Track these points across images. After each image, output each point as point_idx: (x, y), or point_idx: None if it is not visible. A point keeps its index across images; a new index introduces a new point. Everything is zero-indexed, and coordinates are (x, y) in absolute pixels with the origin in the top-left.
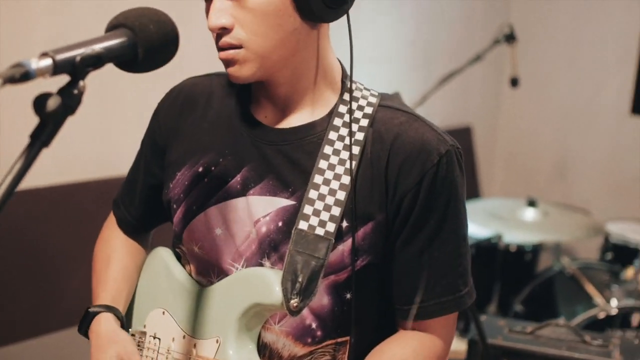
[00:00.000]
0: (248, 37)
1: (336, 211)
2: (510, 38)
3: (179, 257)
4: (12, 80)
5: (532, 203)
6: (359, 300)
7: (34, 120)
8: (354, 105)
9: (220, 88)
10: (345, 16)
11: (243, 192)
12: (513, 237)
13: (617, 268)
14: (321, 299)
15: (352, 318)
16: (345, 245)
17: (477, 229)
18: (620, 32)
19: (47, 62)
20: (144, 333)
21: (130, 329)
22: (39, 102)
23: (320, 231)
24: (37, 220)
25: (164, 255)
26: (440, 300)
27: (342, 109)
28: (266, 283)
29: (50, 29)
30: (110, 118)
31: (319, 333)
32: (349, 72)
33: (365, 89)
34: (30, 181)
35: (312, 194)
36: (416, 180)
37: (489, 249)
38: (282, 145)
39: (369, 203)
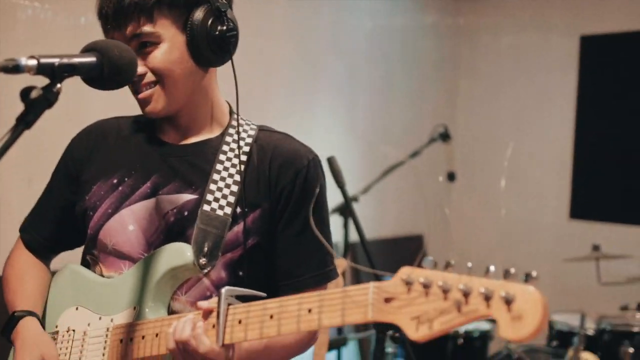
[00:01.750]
0: (159, 77)
1: (231, 199)
2: (445, 136)
3: (87, 266)
4: (5, 69)
5: None
6: (249, 278)
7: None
8: (241, 128)
9: (127, 124)
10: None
11: (153, 194)
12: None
13: (561, 352)
14: (219, 273)
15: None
16: (239, 227)
17: None
18: (557, 143)
19: (33, 62)
20: (56, 332)
21: None
22: (25, 93)
23: (220, 212)
24: None
25: (72, 267)
26: (314, 274)
27: (232, 131)
28: (179, 250)
29: None
30: None
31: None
32: (235, 108)
33: (243, 118)
34: None
35: (212, 186)
36: (291, 177)
37: (439, 339)
38: (184, 156)
39: (257, 194)
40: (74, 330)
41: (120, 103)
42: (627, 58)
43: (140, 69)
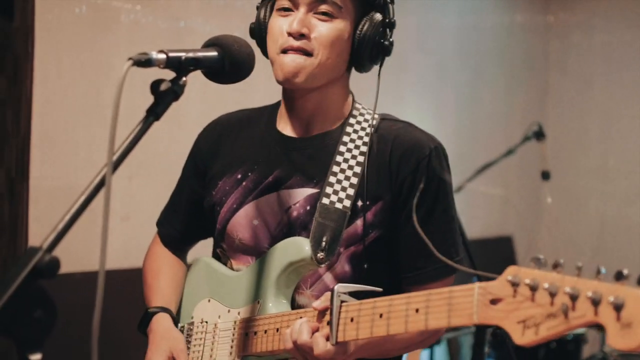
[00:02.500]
0: (318, 49)
1: (351, 191)
2: (539, 135)
3: (218, 259)
4: (138, 63)
5: None
6: (373, 269)
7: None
8: (361, 118)
9: (249, 116)
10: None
11: (275, 188)
12: None
13: None
14: (343, 266)
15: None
16: (360, 220)
17: None
18: None
19: (163, 56)
20: (192, 323)
21: (179, 324)
22: (155, 85)
23: (339, 205)
24: (106, 300)
25: (205, 260)
26: (437, 267)
27: (352, 120)
28: (297, 245)
29: None
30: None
31: None
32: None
33: (364, 108)
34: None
35: (332, 179)
36: (413, 167)
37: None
38: (305, 149)
39: (378, 186)
40: (206, 322)
41: (216, 102)
42: None
43: (304, 29)
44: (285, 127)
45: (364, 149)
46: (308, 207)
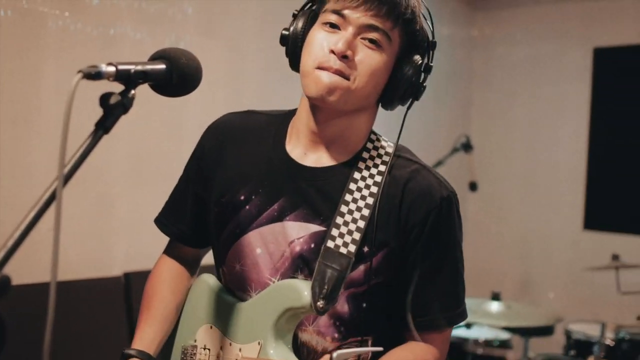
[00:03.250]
0: (356, 75)
1: (357, 236)
2: (467, 147)
3: (220, 279)
4: (88, 75)
5: (495, 297)
6: (372, 310)
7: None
8: (375, 152)
9: (257, 125)
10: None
11: (280, 218)
12: (481, 331)
13: None
14: (343, 305)
15: (364, 322)
16: (365, 266)
17: None
18: (571, 154)
19: (112, 69)
20: (195, 346)
21: (182, 344)
22: (104, 98)
23: (343, 250)
24: (36, 316)
25: (208, 279)
26: (439, 316)
27: (365, 155)
28: (296, 290)
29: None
30: (104, 220)
31: (342, 329)
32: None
33: (384, 140)
34: (30, 278)
35: (339, 220)
36: (423, 216)
37: (458, 348)
38: (315, 180)
39: (385, 233)
40: (209, 350)
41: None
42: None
43: (349, 51)
44: (294, 148)
45: (374, 189)
46: (312, 245)
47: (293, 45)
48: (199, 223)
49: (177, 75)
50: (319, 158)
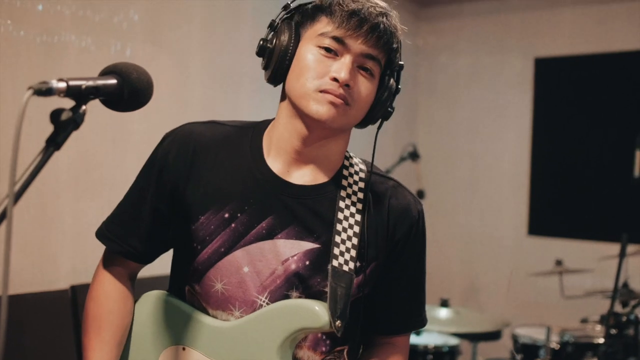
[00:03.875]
0: (354, 101)
1: (353, 253)
2: (414, 155)
3: (180, 297)
4: (39, 92)
5: (444, 303)
6: (353, 320)
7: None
8: (352, 169)
9: (226, 137)
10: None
11: (269, 236)
12: (430, 337)
13: None
14: None
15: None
16: (357, 280)
17: None
18: (514, 161)
19: (63, 84)
20: None
21: None
22: (55, 115)
23: (346, 268)
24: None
25: (165, 298)
26: (408, 321)
27: (345, 172)
28: (313, 311)
29: None
30: (48, 233)
31: (328, 342)
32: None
33: (353, 156)
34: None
35: (337, 239)
36: (406, 230)
37: (410, 355)
38: (304, 198)
39: (375, 248)
40: None
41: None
42: (579, 79)
43: (352, 82)
44: (274, 163)
45: (360, 206)
46: (307, 262)
47: (280, 61)
48: (153, 239)
49: (128, 91)
50: (302, 175)
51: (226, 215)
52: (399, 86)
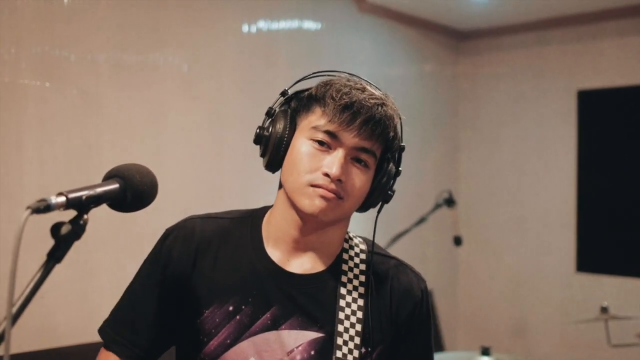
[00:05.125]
0: (347, 195)
1: (357, 340)
2: (450, 202)
3: None
4: (37, 210)
5: (485, 352)
6: None
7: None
8: (352, 252)
9: (225, 230)
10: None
11: (274, 327)
12: None
13: None
14: None
15: None
16: None
17: None
18: (560, 198)
19: (62, 199)
20: None
21: None
22: (55, 229)
23: (350, 357)
24: None
25: None
26: None
27: (345, 256)
28: None
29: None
30: (87, 286)
31: None
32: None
33: (353, 237)
34: (14, 348)
35: (340, 327)
36: (410, 310)
37: None
38: (306, 288)
39: (380, 331)
40: None
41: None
42: (625, 111)
43: (343, 177)
44: (274, 252)
45: (362, 290)
46: (312, 352)
47: (275, 150)
48: (159, 336)
49: (131, 194)
50: (302, 264)
51: (230, 308)
52: (400, 168)
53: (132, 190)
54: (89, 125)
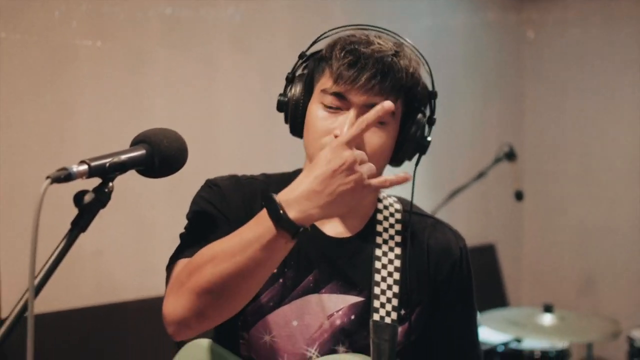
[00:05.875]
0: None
1: (395, 302)
2: (510, 156)
3: (233, 346)
4: (58, 180)
5: (548, 309)
6: None
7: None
8: (387, 212)
9: (265, 192)
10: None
11: (315, 290)
12: (532, 342)
13: None
14: None
15: None
16: (403, 328)
17: (497, 335)
18: (630, 148)
19: (84, 167)
20: None
21: None
22: (78, 197)
23: (388, 320)
24: (83, 339)
25: (209, 346)
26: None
27: (380, 216)
28: None
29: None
30: (144, 243)
31: None
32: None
33: (386, 197)
34: (74, 302)
35: (377, 290)
36: (448, 270)
37: (515, 356)
38: (342, 252)
39: (419, 292)
40: None
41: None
42: None
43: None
44: None
45: (398, 251)
46: (352, 317)
47: (293, 114)
48: None
49: (159, 160)
50: (335, 227)
51: (274, 270)
52: (434, 116)
53: (159, 156)
54: (140, 84)
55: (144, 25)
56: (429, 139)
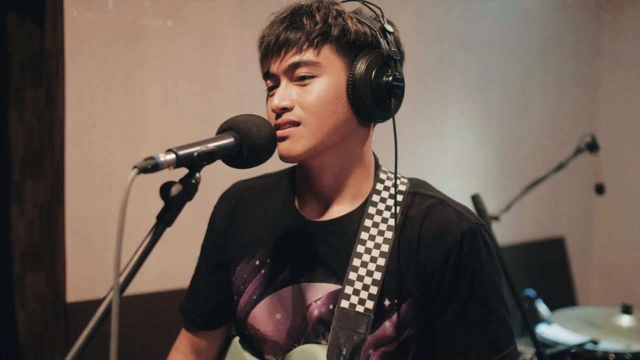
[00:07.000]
0: (305, 117)
1: (374, 290)
2: (592, 147)
3: (248, 340)
4: (145, 170)
5: (627, 310)
6: None
7: (159, 205)
8: (386, 193)
9: (269, 187)
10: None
11: (295, 280)
12: (609, 344)
13: None
14: None
15: None
16: (390, 321)
17: (571, 335)
18: None
19: (172, 156)
20: None
21: None
22: (165, 189)
23: (360, 308)
24: (144, 324)
25: (236, 343)
26: None
27: (376, 198)
28: (313, 357)
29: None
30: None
31: None
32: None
33: (399, 177)
34: (136, 288)
35: (352, 275)
36: (442, 257)
37: (587, 357)
38: (325, 236)
39: (407, 281)
40: None
41: None
42: None
43: (285, 102)
44: (303, 204)
45: (389, 235)
46: (331, 306)
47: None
48: (212, 306)
49: (248, 149)
50: (326, 210)
51: (257, 262)
52: (391, 51)
53: (248, 145)
54: (211, 66)
55: (215, 4)
56: (395, 75)
